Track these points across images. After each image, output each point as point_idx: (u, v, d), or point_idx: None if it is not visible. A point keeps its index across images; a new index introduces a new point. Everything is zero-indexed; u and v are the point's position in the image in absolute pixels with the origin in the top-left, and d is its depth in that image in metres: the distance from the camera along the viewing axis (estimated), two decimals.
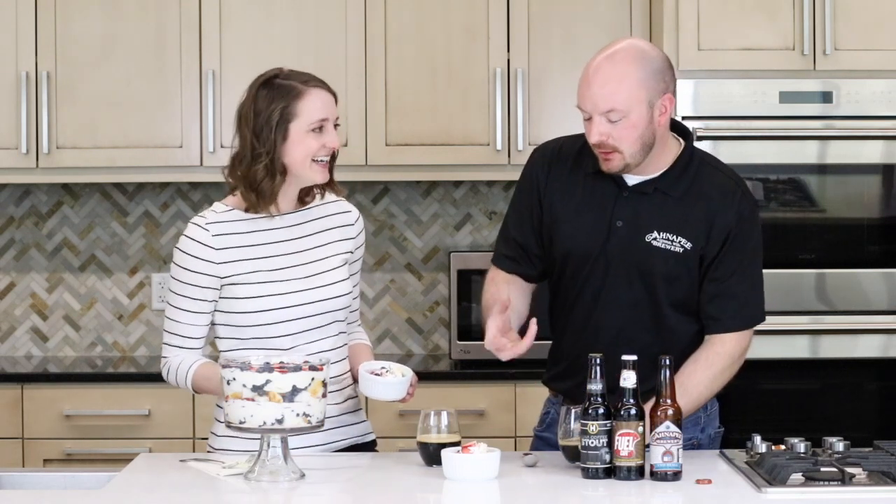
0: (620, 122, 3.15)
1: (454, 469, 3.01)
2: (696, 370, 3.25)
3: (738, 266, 3.27)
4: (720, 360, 3.27)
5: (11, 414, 4.76)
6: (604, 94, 3.15)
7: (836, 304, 4.68)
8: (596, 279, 3.30)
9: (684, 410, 3.06)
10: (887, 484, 2.90)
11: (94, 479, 3.11)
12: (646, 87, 3.15)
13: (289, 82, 3.28)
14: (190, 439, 4.75)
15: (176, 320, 3.30)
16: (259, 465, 3.00)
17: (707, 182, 3.28)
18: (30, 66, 4.95)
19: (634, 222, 3.26)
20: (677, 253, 3.25)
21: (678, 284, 3.28)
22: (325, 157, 3.27)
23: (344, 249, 3.40)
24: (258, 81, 3.31)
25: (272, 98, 3.25)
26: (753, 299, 3.31)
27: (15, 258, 5.33)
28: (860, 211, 4.69)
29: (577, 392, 3.12)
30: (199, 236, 3.28)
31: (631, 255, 3.26)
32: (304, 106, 3.25)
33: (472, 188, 5.34)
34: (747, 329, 3.31)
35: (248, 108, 3.28)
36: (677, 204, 3.26)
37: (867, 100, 4.65)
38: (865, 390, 4.72)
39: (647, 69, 3.16)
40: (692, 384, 3.22)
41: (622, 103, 3.14)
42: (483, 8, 4.97)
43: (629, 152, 3.19)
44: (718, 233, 3.25)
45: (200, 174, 5.01)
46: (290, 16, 4.97)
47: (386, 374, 3.26)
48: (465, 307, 4.93)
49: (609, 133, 3.17)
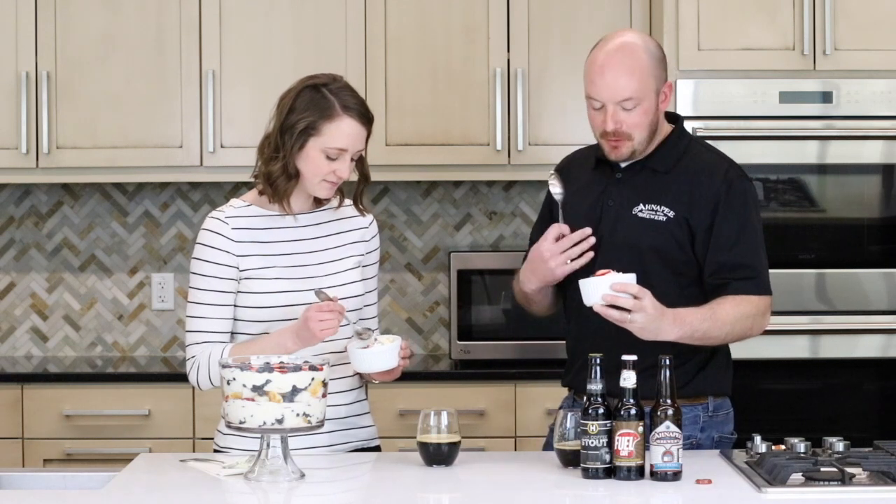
0: (634, 109, 3.29)
1: (358, 362, 3.20)
2: (725, 302, 3.28)
3: (739, 234, 3.32)
4: (748, 305, 3.29)
5: (11, 414, 4.76)
6: (620, 83, 3.27)
7: (836, 304, 4.68)
8: (591, 261, 3.35)
9: (703, 333, 3.20)
10: (887, 484, 2.90)
11: (94, 479, 3.11)
12: (654, 76, 3.31)
13: (332, 98, 3.25)
14: (190, 439, 4.75)
15: (201, 316, 3.29)
16: (259, 465, 3.00)
17: (695, 159, 3.39)
18: (30, 66, 4.95)
19: (624, 199, 3.37)
20: (660, 222, 3.32)
21: (668, 259, 3.32)
22: (334, 178, 3.28)
23: (357, 252, 3.41)
24: (309, 81, 3.29)
25: (309, 105, 3.24)
26: (759, 267, 3.34)
27: (15, 258, 5.34)
28: (860, 211, 4.69)
29: (581, 381, 3.18)
30: (219, 229, 3.29)
31: (620, 230, 3.35)
32: (330, 129, 3.24)
33: (472, 188, 5.34)
34: (761, 294, 3.32)
35: (288, 101, 3.27)
36: (664, 178, 3.36)
37: (867, 100, 4.65)
38: (865, 390, 4.72)
39: (653, 59, 3.32)
40: (722, 312, 3.25)
41: (637, 91, 3.28)
42: (483, 8, 4.97)
43: (639, 139, 3.32)
44: (706, 201, 3.31)
45: (200, 174, 5.01)
46: (290, 16, 4.97)
47: (375, 344, 3.24)
48: (465, 307, 4.93)
49: (624, 121, 3.29)
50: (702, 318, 3.23)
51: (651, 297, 3.13)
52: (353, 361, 3.24)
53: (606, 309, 3.12)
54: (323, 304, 3.16)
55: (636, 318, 3.12)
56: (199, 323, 3.30)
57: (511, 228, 5.32)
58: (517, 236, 5.32)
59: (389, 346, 3.22)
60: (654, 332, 3.15)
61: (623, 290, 3.11)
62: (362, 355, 3.21)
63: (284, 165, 3.26)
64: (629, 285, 3.12)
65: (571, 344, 3.48)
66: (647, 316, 3.12)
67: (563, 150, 4.61)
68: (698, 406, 3.36)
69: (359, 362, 3.23)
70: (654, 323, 3.14)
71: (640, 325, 3.13)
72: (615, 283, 3.11)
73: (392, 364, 3.24)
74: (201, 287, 3.29)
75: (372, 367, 3.24)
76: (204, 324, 3.30)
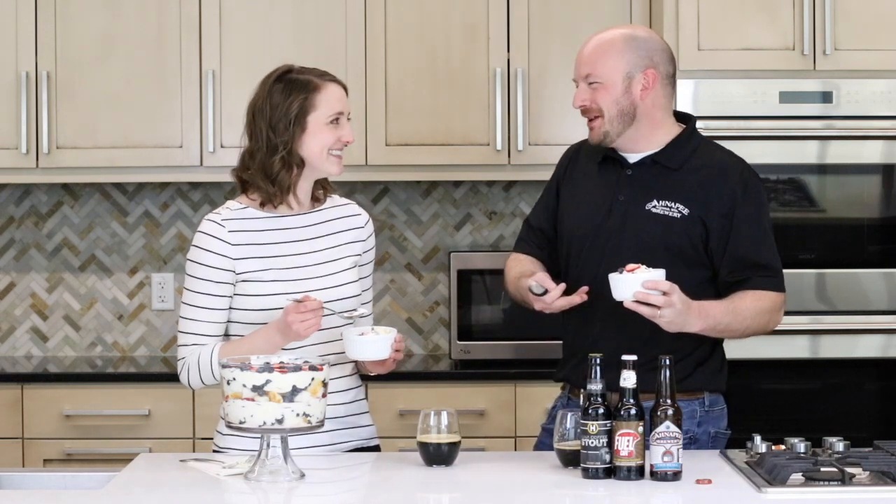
0: (598, 89, 3.39)
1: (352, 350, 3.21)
2: (745, 296, 3.35)
3: (759, 233, 3.38)
4: (767, 300, 3.37)
5: (11, 414, 4.76)
6: (584, 59, 3.43)
7: (836, 304, 4.68)
8: (595, 255, 3.40)
9: (726, 326, 3.27)
10: (887, 484, 2.90)
11: (94, 479, 3.11)
12: (625, 59, 3.39)
13: (304, 77, 3.33)
14: (190, 439, 4.75)
15: (194, 318, 3.30)
16: (259, 465, 3.00)
17: (707, 156, 3.45)
18: (30, 66, 4.95)
19: (635, 194, 3.42)
20: (675, 218, 3.36)
21: (681, 255, 3.35)
22: (339, 151, 3.33)
23: (353, 252, 3.42)
24: (272, 77, 3.36)
25: (289, 91, 3.30)
26: (777, 266, 3.41)
27: (15, 258, 5.34)
28: (860, 211, 4.69)
29: (578, 375, 3.22)
30: (214, 231, 3.30)
31: (631, 224, 3.39)
32: (322, 98, 3.31)
33: (472, 188, 5.34)
34: (779, 291, 3.39)
35: (263, 102, 3.32)
36: (676, 174, 3.41)
37: (867, 100, 4.65)
38: (865, 390, 4.72)
39: (631, 44, 3.41)
40: (743, 306, 3.32)
41: (598, 70, 3.39)
42: (483, 8, 4.97)
43: (608, 116, 3.39)
44: (723, 200, 3.36)
45: (200, 174, 5.01)
46: (290, 16, 4.97)
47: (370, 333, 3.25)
48: (465, 307, 4.93)
49: (588, 99, 3.41)
50: (724, 311, 3.29)
51: (679, 292, 3.18)
52: (346, 347, 3.25)
53: (637, 305, 3.17)
54: (300, 304, 3.17)
55: (665, 313, 3.17)
56: (192, 325, 3.31)
57: (511, 228, 5.32)
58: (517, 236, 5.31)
59: (384, 336, 3.24)
60: (681, 325, 3.21)
61: (654, 287, 3.15)
62: (356, 341, 3.23)
63: (285, 157, 3.28)
64: (660, 282, 3.16)
65: (569, 339, 3.50)
66: (675, 311, 3.17)
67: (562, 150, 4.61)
68: (695, 401, 3.39)
69: (351, 348, 3.24)
70: (681, 317, 3.19)
71: (668, 319, 3.18)
72: (647, 281, 3.15)
73: (384, 354, 3.25)
74: (196, 290, 3.30)
75: (363, 355, 3.25)
76: (197, 326, 3.30)
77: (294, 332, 3.17)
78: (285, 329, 3.19)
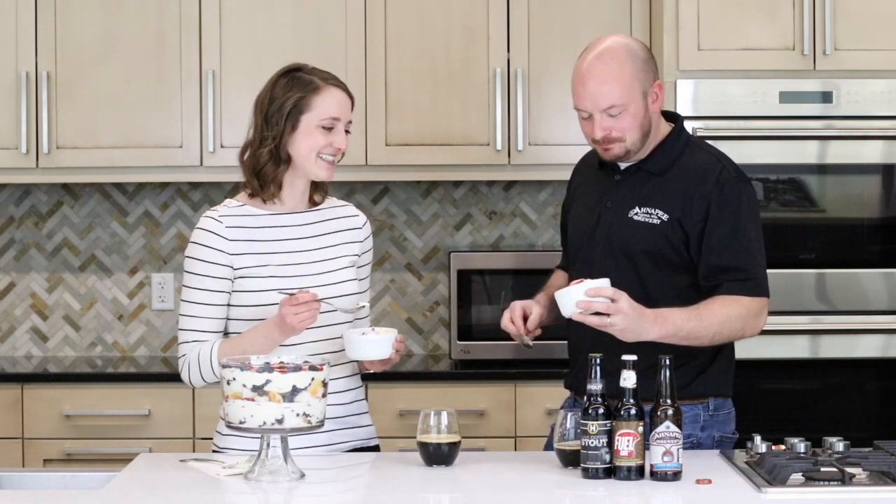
0: (621, 115, 3.30)
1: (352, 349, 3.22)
2: (713, 302, 3.26)
3: (731, 237, 3.29)
4: (738, 306, 3.26)
5: (11, 414, 4.76)
6: (602, 92, 3.29)
7: (836, 304, 4.68)
8: (587, 262, 3.39)
9: (688, 333, 3.18)
10: (887, 484, 2.90)
11: (94, 479, 3.11)
12: (638, 79, 3.31)
13: (309, 76, 3.34)
14: (190, 439, 4.75)
15: (193, 315, 3.31)
16: (259, 465, 3.00)
17: (689, 160, 3.39)
18: (30, 66, 4.95)
19: (621, 202, 3.39)
20: (655, 225, 3.32)
21: (662, 263, 3.32)
22: (330, 156, 3.32)
23: (351, 252, 3.42)
24: (280, 72, 3.37)
25: (290, 87, 3.32)
26: (753, 269, 3.31)
27: (15, 258, 5.34)
28: (860, 211, 4.69)
29: (581, 383, 3.17)
30: (212, 227, 3.30)
31: (615, 233, 3.37)
32: (319, 101, 3.31)
33: (472, 188, 5.34)
34: (753, 296, 3.30)
35: (265, 95, 3.35)
36: (659, 180, 3.37)
37: (867, 100, 4.65)
38: (865, 390, 4.72)
39: (636, 62, 3.32)
40: (708, 311, 3.23)
41: (620, 98, 3.29)
42: (483, 8, 4.97)
43: (631, 140, 3.34)
44: (699, 204, 3.31)
45: (200, 174, 5.01)
46: (290, 16, 4.97)
47: (371, 333, 3.25)
48: (465, 307, 4.93)
49: (612, 127, 3.31)
50: (686, 317, 3.21)
51: (627, 298, 3.12)
52: (347, 347, 3.25)
53: (585, 316, 3.12)
54: (293, 297, 3.16)
55: (615, 320, 3.10)
56: (191, 322, 3.31)
57: (511, 228, 5.32)
58: (517, 236, 5.32)
59: (385, 336, 3.24)
60: (636, 332, 3.13)
61: (597, 294, 3.10)
62: (357, 342, 3.23)
63: (272, 150, 3.29)
64: (603, 289, 3.11)
65: (572, 346, 3.48)
66: (625, 317, 3.10)
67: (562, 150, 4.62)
68: (699, 405, 3.35)
69: (352, 348, 3.24)
70: (635, 324, 3.12)
71: (620, 327, 3.11)
72: (589, 289, 3.10)
73: (385, 354, 3.25)
74: (195, 286, 3.30)
75: (365, 355, 3.26)
76: (197, 323, 3.31)
77: (289, 325, 3.16)
78: (281, 323, 3.19)
